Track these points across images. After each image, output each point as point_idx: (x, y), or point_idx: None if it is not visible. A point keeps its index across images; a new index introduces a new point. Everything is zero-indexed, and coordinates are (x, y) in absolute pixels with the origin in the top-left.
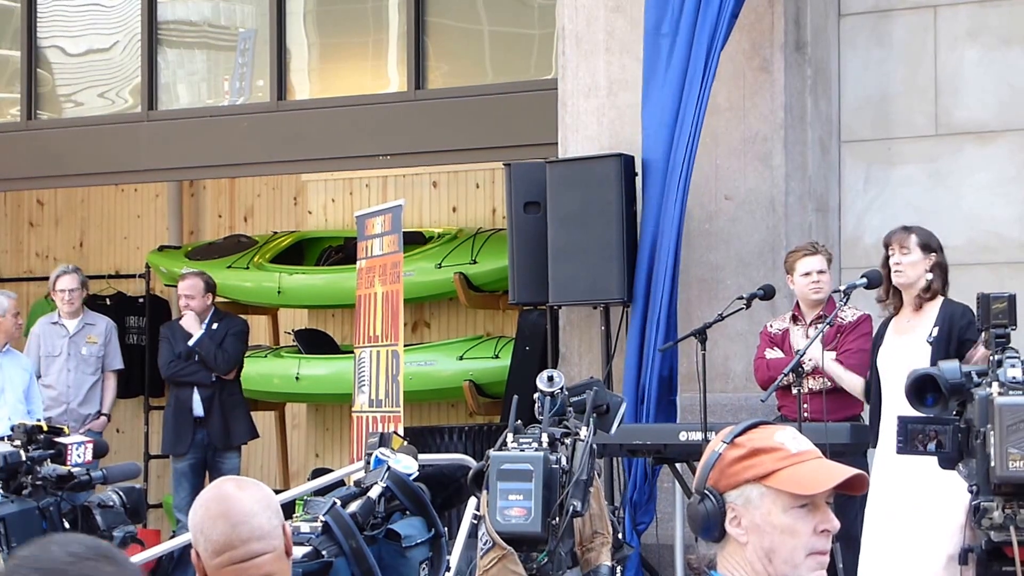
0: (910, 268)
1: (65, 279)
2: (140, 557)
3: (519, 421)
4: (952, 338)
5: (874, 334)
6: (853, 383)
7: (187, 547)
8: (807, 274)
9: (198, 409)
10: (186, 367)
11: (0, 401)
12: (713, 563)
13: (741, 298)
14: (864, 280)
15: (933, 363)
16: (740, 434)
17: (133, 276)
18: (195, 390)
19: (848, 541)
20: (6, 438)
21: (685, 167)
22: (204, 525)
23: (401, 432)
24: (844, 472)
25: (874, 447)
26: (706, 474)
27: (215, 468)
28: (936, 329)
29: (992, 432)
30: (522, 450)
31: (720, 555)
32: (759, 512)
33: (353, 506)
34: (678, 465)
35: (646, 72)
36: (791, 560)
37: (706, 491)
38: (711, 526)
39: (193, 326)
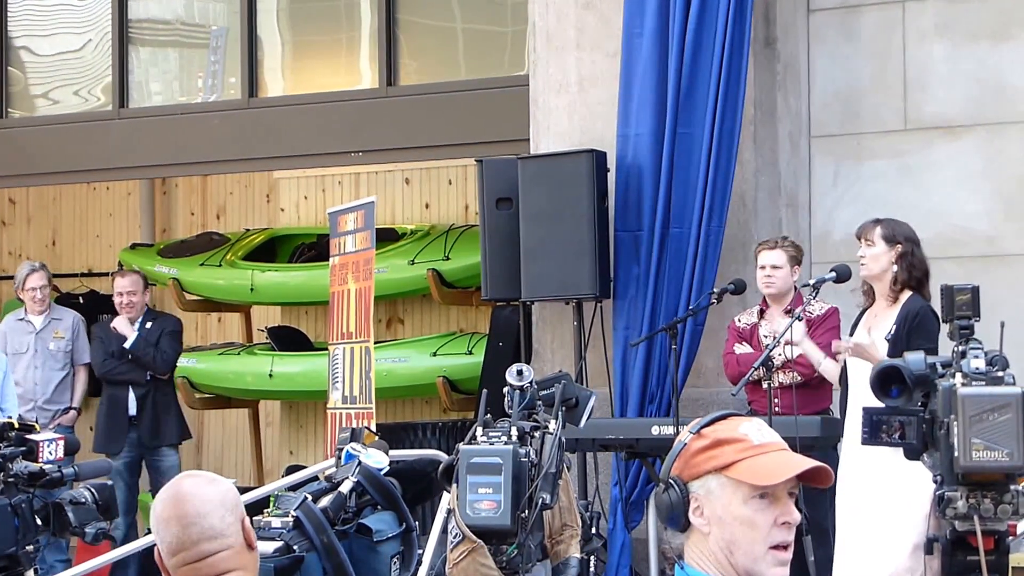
0: (872, 261)
1: (34, 277)
2: (110, 556)
3: (488, 415)
4: (902, 339)
5: (851, 324)
6: (830, 369)
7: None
8: (762, 267)
9: (133, 408)
10: (119, 366)
11: None
12: (683, 553)
13: (712, 292)
14: (833, 274)
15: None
16: (707, 425)
17: (106, 274)
18: (130, 389)
19: (819, 534)
20: None
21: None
22: (159, 527)
23: (374, 428)
24: (802, 463)
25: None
26: (671, 464)
27: (153, 467)
28: (895, 328)
29: (955, 423)
30: (491, 444)
31: (686, 545)
32: (719, 503)
33: (324, 501)
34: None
35: (624, 72)
36: (751, 552)
37: (670, 480)
38: (675, 516)
39: (126, 329)
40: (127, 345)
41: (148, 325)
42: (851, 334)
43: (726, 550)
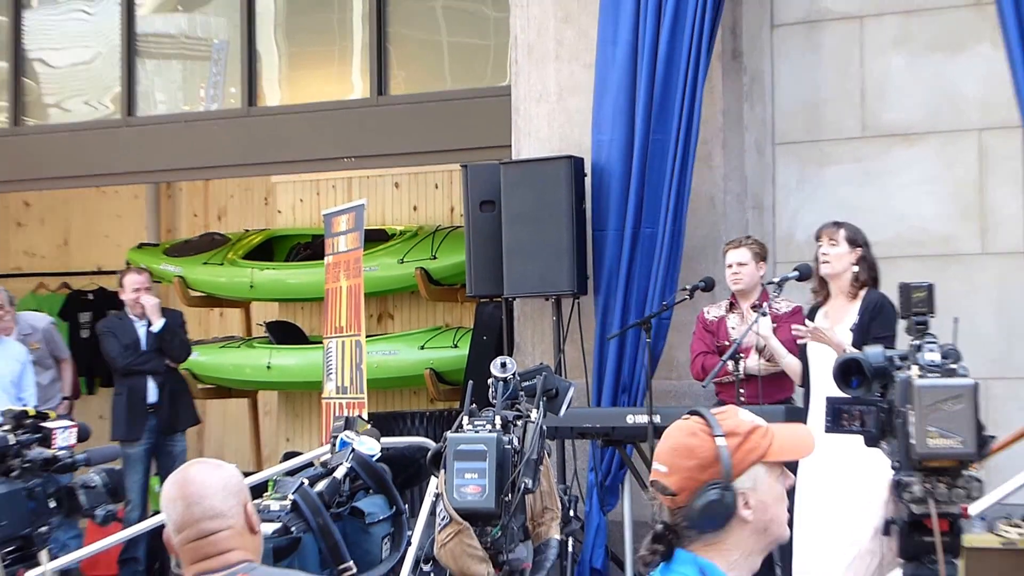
0: (836, 260)
1: None
2: (120, 535)
3: (474, 405)
4: (866, 326)
5: (804, 319)
6: (792, 365)
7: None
8: (729, 265)
9: (152, 396)
10: (140, 356)
11: None
12: (653, 561)
13: (684, 289)
14: (796, 273)
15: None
16: (720, 423)
17: (114, 272)
18: (149, 378)
19: None
20: None
21: (671, 170)
22: (167, 506)
23: (365, 417)
24: (811, 430)
25: None
26: (728, 469)
27: (166, 452)
28: (858, 318)
29: (912, 412)
30: (477, 432)
31: (708, 544)
32: (763, 488)
33: (320, 485)
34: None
35: (599, 80)
36: (780, 519)
37: (722, 486)
38: (723, 516)
39: (155, 314)
40: (154, 329)
41: None
42: None
43: (761, 531)
